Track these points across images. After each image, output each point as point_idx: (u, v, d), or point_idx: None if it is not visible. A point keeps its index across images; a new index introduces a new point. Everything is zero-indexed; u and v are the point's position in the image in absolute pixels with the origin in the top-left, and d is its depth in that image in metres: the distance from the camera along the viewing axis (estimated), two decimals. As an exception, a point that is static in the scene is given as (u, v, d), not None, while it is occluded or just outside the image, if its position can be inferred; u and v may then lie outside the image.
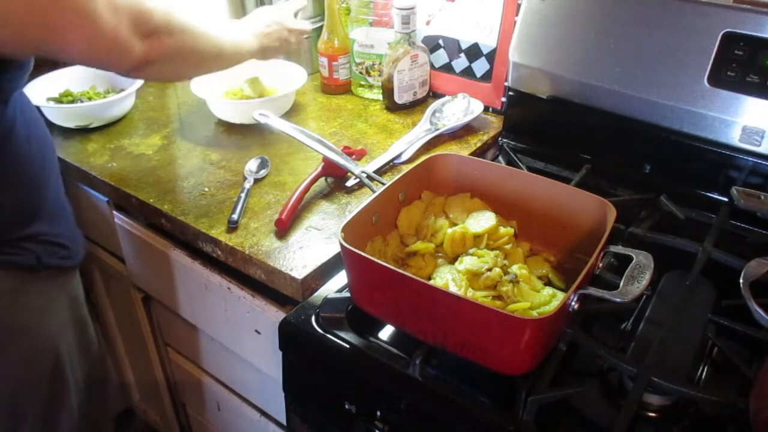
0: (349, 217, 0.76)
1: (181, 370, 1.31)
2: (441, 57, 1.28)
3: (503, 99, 1.22)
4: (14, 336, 0.88)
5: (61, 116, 1.19)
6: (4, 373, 0.89)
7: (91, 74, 1.28)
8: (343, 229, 0.73)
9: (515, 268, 0.79)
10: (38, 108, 1.00)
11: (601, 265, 0.74)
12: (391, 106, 1.27)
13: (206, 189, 1.04)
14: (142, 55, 0.76)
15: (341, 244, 0.71)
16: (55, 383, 0.95)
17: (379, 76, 1.28)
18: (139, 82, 1.26)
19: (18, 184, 0.84)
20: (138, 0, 0.75)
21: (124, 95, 1.21)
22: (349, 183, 1.03)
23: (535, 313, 0.74)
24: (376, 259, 0.70)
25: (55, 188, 0.93)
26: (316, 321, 0.80)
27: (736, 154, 0.94)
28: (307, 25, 1.15)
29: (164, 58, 0.80)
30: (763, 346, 0.73)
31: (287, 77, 1.27)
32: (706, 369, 0.74)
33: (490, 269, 0.78)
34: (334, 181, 1.05)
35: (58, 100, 1.22)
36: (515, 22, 1.12)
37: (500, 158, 1.14)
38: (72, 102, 1.21)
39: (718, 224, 0.89)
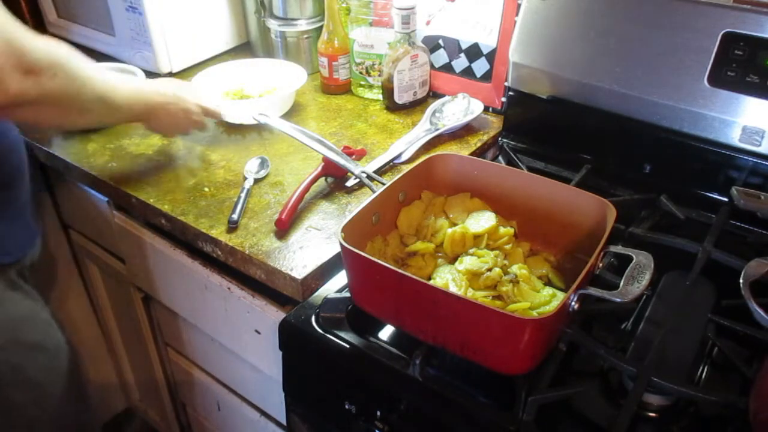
0: (349, 217, 0.76)
1: (181, 370, 1.31)
2: (441, 57, 1.28)
3: (503, 99, 1.22)
4: None
5: None
6: None
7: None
8: (343, 229, 0.73)
9: (515, 268, 0.79)
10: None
11: (601, 265, 0.74)
12: (391, 106, 1.27)
13: (206, 189, 1.04)
14: (17, 91, 0.70)
15: (341, 244, 0.71)
16: None
17: (379, 76, 1.28)
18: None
19: None
20: (22, 34, 0.70)
21: None
22: (349, 183, 1.03)
23: (535, 313, 0.74)
24: (376, 259, 0.70)
25: None
26: (316, 321, 0.80)
27: (736, 154, 0.93)
28: (219, 114, 1.12)
29: (43, 100, 0.74)
30: (763, 346, 0.73)
31: (287, 77, 1.27)
32: (706, 369, 0.74)
33: (490, 269, 0.78)
34: (334, 181, 1.05)
35: None
36: (515, 22, 1.12)
37: (500, 158, 1.14)
38: None
39: (718, 224, 0.89)
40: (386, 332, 0.80)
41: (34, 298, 0.96)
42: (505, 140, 1.16)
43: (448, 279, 0.78)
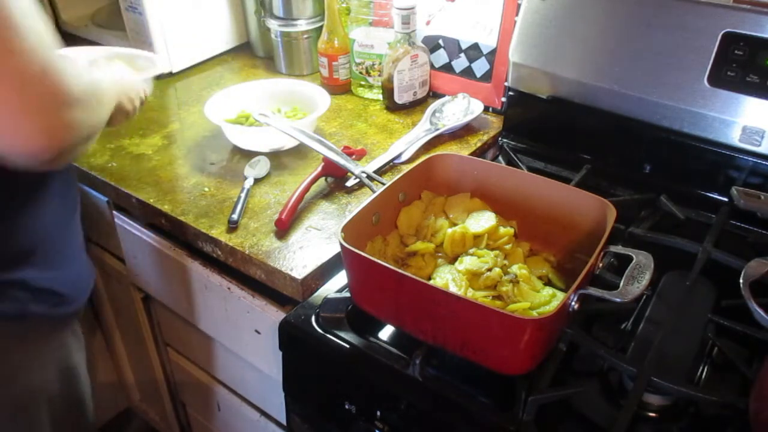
0: (349, 217, 0.76)
1: (181, 370, 1.31)
2: (441, 57, 1.28)
3: (503, 99, 1.22)
4: None
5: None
6: None
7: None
8: (343, 229, 0.73)
9: (515, 268, 0.79)
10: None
11: (601, 265, 0.74)
12: (391, 106, 1.27)
13: (206, 189, 1.04)
14: (66, 138, 0.60)
15: (341, 244, 0.71)
16: None
17: (379, 76, 1.28)
18: None
19: (4, 216, 0.71)
20: (62, 61, 0.59)
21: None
22: (349, 183, 1.03)
23: (535, 313, 0.74)
24: (376, 259, 0.70)
25: (58, 222, 0.79)
26: (316, 321, 0.80)
27: (736, 154, 0.93)
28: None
29: (83, 139, 0.63)
30: (763, 346, 0.73)
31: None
32: (706, 369, 0.74)
33: (490, 269, 0.78)
34: (334, 181, 1.05)
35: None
36: (515, 22, 1.12)
37: (500, 158, 1.14)
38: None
39: (718, 224, 0.89)
40: (386, 332, 0.80)
41: (82, 345, 0.92)
42: (505, 140, 1.16)
43: (448, 279, 0.78)
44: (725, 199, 0.95)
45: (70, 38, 1.49)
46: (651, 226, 0.92)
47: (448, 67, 1.28)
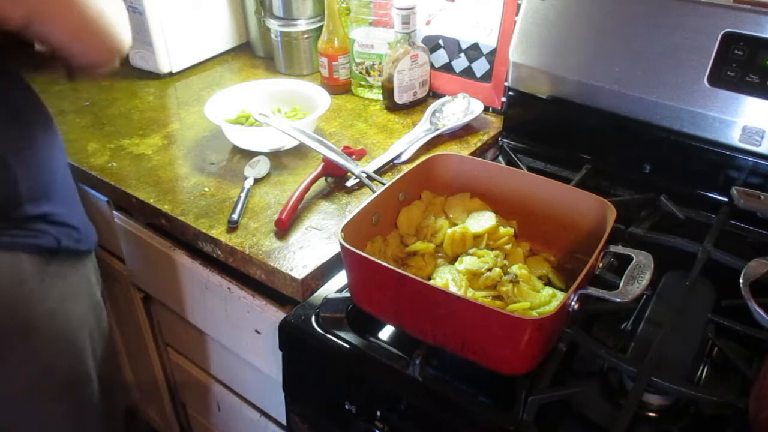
0: (349, 217, 0.76)
1: (181, 370, 1.31)
2: (441, 57, 1.28)
3: (503, 99, 1.22)
4: (38, 325, 0.83)
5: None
6: (23, 367, 0.83)
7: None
8: (343, 229, 0.73)
9: (515, 268, 0.79)
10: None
11: (601, 265, 0.74)
12: (391, 106, 1.27)
13: (206, 189, 1.04)
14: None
15: (341, 244, 0.71)
16: (78, 374, 0.91)
17: (379, 76, 1.28)
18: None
19: (28, 156, 0.81)
20: None
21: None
22: (349, 183, 1.03)
23: (535, 313, 0.74)
24: (376, 259, 0.70)
25: (62, 166, 0.89)
26: (316, 321, 0.80)
27: (736, 154, 0.93)
28: None
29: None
30: (763, 346, 0.73)
31: None
32: (706, 369, 0.74)
33: (490, 269, 0.78)
34: (334, 181, 1.05)
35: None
36: (515, 22, 1.12)
37: (500, 158, 1.14)
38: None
39: (718, 224, 0.89)
40: (386, 332, 0.80)
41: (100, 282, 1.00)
42: (505, 140, 1.16)
43: (448, 279, 0.78)
44: (725, 199, 0.95)
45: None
46: (651, 226, 0.92)
47: (448, 67, 1.28)
